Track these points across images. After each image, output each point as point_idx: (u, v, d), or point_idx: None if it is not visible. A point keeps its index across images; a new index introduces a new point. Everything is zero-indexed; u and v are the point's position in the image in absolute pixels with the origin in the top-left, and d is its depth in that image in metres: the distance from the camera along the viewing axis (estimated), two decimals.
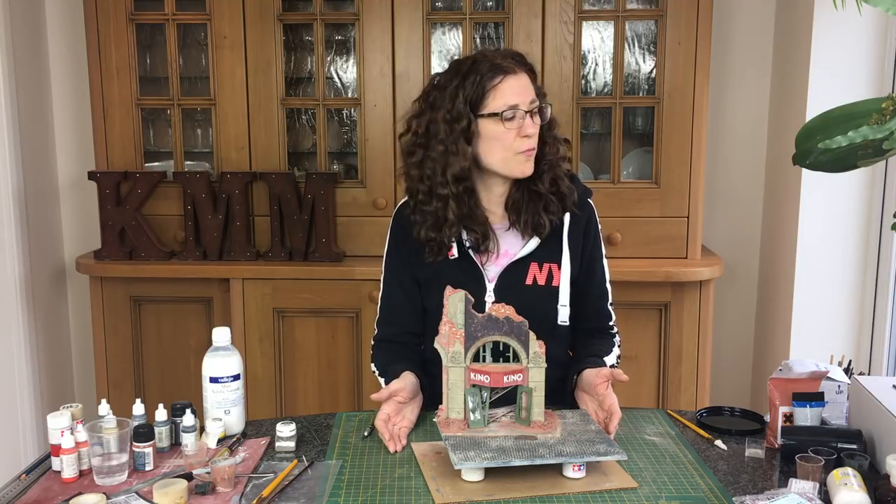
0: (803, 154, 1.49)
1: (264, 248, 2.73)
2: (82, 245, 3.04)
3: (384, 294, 1.79)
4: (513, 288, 1.68)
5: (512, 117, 1.61)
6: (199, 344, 2.70)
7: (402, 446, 1.49)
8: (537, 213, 1.67)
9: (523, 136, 1.61)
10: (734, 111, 2.97)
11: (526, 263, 1.69)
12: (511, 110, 1.60)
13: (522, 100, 1.61)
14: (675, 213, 2.65)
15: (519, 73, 1.63)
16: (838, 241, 2.60)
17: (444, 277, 1.65)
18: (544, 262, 1.70)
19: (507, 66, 1.62)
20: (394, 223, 1.79)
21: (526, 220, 1.68)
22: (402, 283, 1.76)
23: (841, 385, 1.55)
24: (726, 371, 3.06)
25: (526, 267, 1.69)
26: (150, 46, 2.85)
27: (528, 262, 1.69)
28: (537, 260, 1.69)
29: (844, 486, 1.25)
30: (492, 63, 1.61)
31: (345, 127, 2.91)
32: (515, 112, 1.61)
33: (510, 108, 1.60)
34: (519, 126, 1.61)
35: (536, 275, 1.69)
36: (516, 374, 1.45)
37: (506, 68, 1.61)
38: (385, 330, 1.78)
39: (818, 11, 2.49)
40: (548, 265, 1.70)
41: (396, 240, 1.77)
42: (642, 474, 1.39)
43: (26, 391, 2.84)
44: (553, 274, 1.70)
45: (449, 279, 1.64)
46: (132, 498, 1.30)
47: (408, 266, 1.75)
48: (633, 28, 2.74)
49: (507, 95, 1.61)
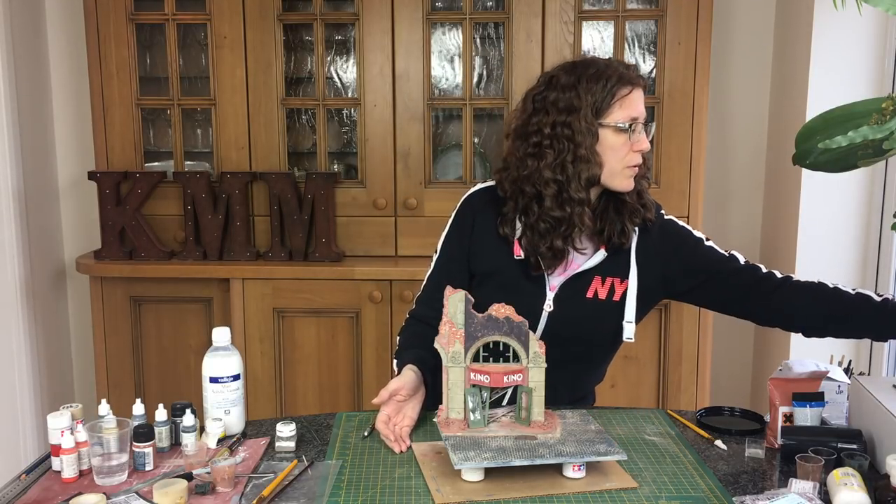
0: (803, 154, 1.49)
1: (264, 248, 2.73)
2: (82, 245, 3.04)
3: (431, 273, 1.74)
4: (573, 299, 1.64)
5: (634, 130, 1.57)
6: (199, 344, 2.71)
7: (407, 446, 1.49)
8: (622, 224, 1.63)
9: (637, 150, 1.58)
10: (734, 111, 2.97)
11: (590, 276, 1.64)
12: (634, 123, 1.57)
13: (641, 114, 1.58)
14: (675, 213, 2.61)
15: (640, 86, 1.59)
16: (838, 241, 2.60)
17: (505, 276, 1.63)
18: (607, 276, 1.65)
19: (635, 77, 1.58)
20: (463, 209, 1.71)
21: (610, 230, 1.63)
22: (451, 271, 1.70)
23: (841, 385, 1.55)
24: (726, 371, 3.06)
25: (589, 280, 1.64)
26: (150, 46, 2.85)
27: (593, 275, 1.64)
28: (601, 274, 1.64)
29: (844, 486, 1.25)
30: (620, 73, 1.57)
31: (345, 127, 2.91)
32: (636, 126, 1.57)
33: (633, 121, 1.56)
34: (636, 140, 1.57)
35: (598, 288, 1.65)
36: (516, 374, 1.45)
37: (634, 80, 1.57)
38: (421, 309, 1.73)
39: (818, 11, 2.49)
40: (610, 279, 1.65)
41: (461, 228, 1.70)
42: (642, 474, 1.39)
43: (26, 391, 2.84)
44: (615, 288, 1.65)
45: (511, 279, 1.62)
46: (132, 498, 1.30)
47: (465, 255, 1.69)
48: (633, 28, 2.74)
49: (632, 108, 1.56)
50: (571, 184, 1.56)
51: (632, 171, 1.59)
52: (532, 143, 1.59)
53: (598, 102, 1.55)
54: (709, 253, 1.70)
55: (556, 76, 1.60)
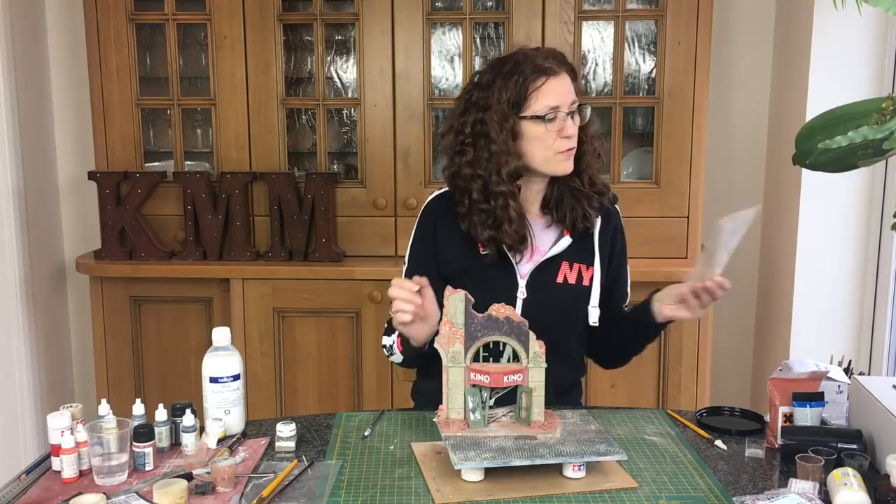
0: (803, 154, 1.49)
1: (264, 248, 2.73)
2: (82, 245, 3.04)
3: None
4: (544, 285, 1.69)
5: (553, 118, 1.61)
6: (199, 344, 2.70)
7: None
8: (582, 209, 1.69)
9: (564, 136, 1.62)
10: (734, 111, 2.97)
11: (557, 262, 1.70)
12: (553, 111, 1.61)
13: (563, 101, 1.62)
14: (674, 213, 2.65)
15: (560, 73, 1.63)
16: (838, 242, 2.60)
17: (475, 272, 1.67)
18: (574, 262, 1.71)
19: (549, 67, 1.62)
20: (423, 216, 1.77)
21: (570, 218, 1.69)
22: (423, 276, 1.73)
23: (841, 385, 1.55)
24: (726, 371, 3.06)
25: (557, 265, 1.70)
26: (150, 46, 2.85)
27: (560, 260, 1.70)
28: (568, 259, 1.71)
29: (844, 486, 1.25)
30: (534, 64, 1.61)
31: (345, 127, 2.91)
32: (557, 114, 1.61)
33: (552, 110, 1.61)
34: (560, 128, 1.61)
35: (567, 273, 1.70)
36: (516, 374, 1.45)
37: (548, 70, 1.61)
38: None
39: (818, 11, 2.49)
40: (577, 265, 1.71)
41: (424, 235, 1.76)
42: (642, 474, 1.39)
43: (26, 391, 2.84)
44: (583, 274, 1.71)
45: (481, 274, 1.67)
46: (132, 498, 1.30)
47: (433, 260, 1.74)
48: (633, 28, 2.74)
49: (549, 98, 1.61)
50: (493, 178, 1.63)
51: (565, 156, 1.64)
52: (458, 142, 1.67)
53: (514, 97, 1.61)
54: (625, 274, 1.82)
55: (481, 75, 1.68)
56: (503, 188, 1.63)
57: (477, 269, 1.68)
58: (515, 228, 1.64)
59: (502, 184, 1.63)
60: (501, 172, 1.62)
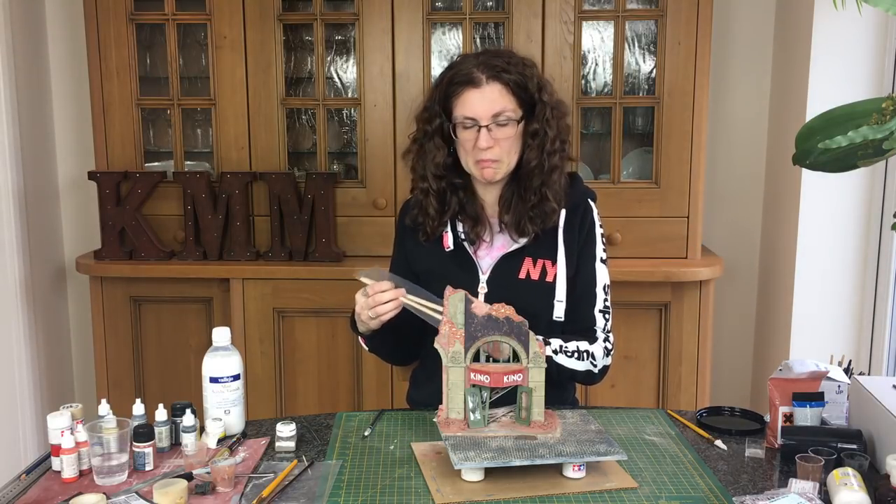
0: (803, 154, 1.49)
1: (264, 248, 2.73)
2: (82, 245, 3.04)
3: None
4: (506, 280, 1.71)
5: (469, 128, 1.65)
6: (199, 344, 2.70)
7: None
8: (522, 216, 1.70)
9: (476, 148, 1.65)
10: (734, 111, 2.97)
11: (520, 257, 1.72)
12: (470, 120, 1.64)
13: (481, 113, 1.63)
14: (674, 213, 2.64)
15: (487, 85, 1.64)
16: (838, 241, 2.60)
17: (440, 268, 1.73)
18: (538, 258, 1.72)
19: (476, 77, 1.64)
20: (399, 220, 1.87)
21: (513, 221, 1.72)
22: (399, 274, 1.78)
23: (841, 385, 1.55)
24: (726, 371, 3.06)
25: (520, 261, 1.72)
26: (150, 46, 2.85)
27: (523, 256, 1.72)
28: (531, 255, 1.72)
29: (844, 486, 1.25)
30: (459, 72, 1.66)
31: (345, 127, 2.91)
32: (473, 124, 1.64)
33: (467, 120, 1.65)
34: (473, 138, 1.65)
35: (530, 269, 1.72)
36: (516, 374, 1.45)
37: (472, 80, 1.64)
38: None
39: (818, 11, 2.49)
40: (542, 261, 1.72)
41: (399, 238, 1.86)
42: (642, 474, 1.39)
43: (26, 391, 2.84)
44: (547, 270, 1.72)
45: (444, 270, 1.72)
46: (132, 498, 1.30)
47: (405, 262, 1.82)
48: (633, 28, 2.74)
49: (466, 108, 1.65)
50: (419, 173, 1.75)
51: (482, 165, 1.67)
52: (412, 142, 1.78)
53: (445, 102, 1.68)
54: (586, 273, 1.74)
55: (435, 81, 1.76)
56: (425, 185, 1.73)
57: (440, 264, 1.74)
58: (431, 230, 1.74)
59: (425, 181, 1.73)
60: (427, 171, 1.72)
